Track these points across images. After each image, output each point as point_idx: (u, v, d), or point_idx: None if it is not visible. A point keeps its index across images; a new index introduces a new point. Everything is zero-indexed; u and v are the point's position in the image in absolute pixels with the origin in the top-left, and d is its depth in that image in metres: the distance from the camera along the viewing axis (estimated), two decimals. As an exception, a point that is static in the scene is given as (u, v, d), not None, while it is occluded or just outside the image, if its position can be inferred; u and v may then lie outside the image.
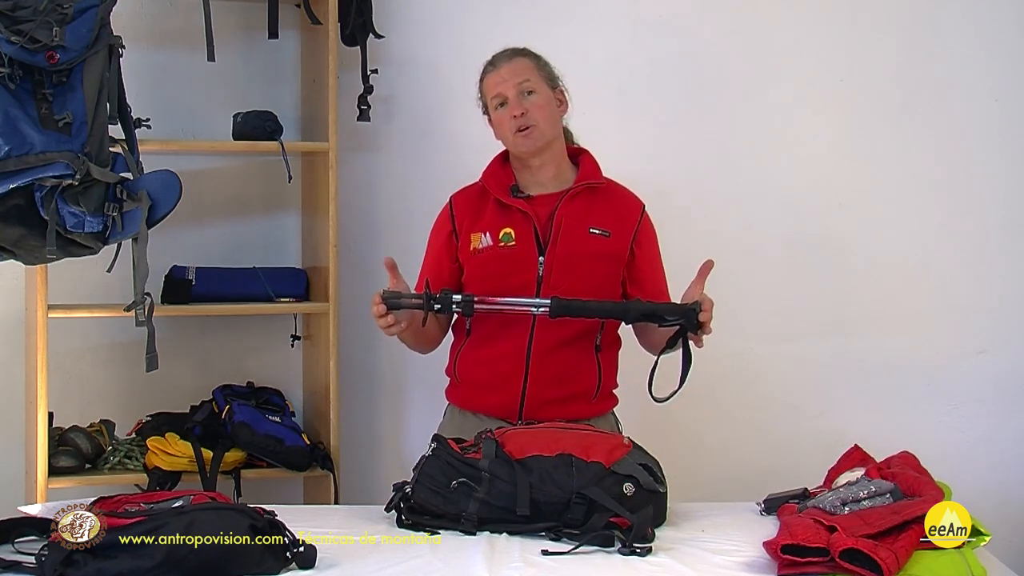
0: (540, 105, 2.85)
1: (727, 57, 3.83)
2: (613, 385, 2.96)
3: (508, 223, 2.86)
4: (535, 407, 2.82)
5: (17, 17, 2.76)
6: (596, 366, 2.88)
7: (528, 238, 2.84)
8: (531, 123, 2.83)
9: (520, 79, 2.85)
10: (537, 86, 2.87)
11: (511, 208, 2.87)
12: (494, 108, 2.88)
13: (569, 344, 2.84)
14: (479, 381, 2.89)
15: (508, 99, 2.84)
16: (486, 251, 2.86)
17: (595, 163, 2.96)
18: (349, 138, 3.50)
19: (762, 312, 3.85)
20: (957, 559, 2.25)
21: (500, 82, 2.86)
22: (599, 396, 2.90)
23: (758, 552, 2.32)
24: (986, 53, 3.90)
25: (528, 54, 2.92)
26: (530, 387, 2.83)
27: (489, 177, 2.93)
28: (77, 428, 3.27)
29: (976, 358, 3.91)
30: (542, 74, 2.90)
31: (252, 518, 2.18)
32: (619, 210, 2.92)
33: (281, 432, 3.30)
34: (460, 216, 2.92)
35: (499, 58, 2.91)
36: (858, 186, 3.87)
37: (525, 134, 2.83)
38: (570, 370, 2.85)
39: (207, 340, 3.61)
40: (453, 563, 2.27)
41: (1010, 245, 3.93)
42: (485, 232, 2.87)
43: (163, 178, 2.99)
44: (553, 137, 2.88)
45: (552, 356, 2.82)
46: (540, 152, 2.86)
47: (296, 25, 3.56)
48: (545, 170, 2.89)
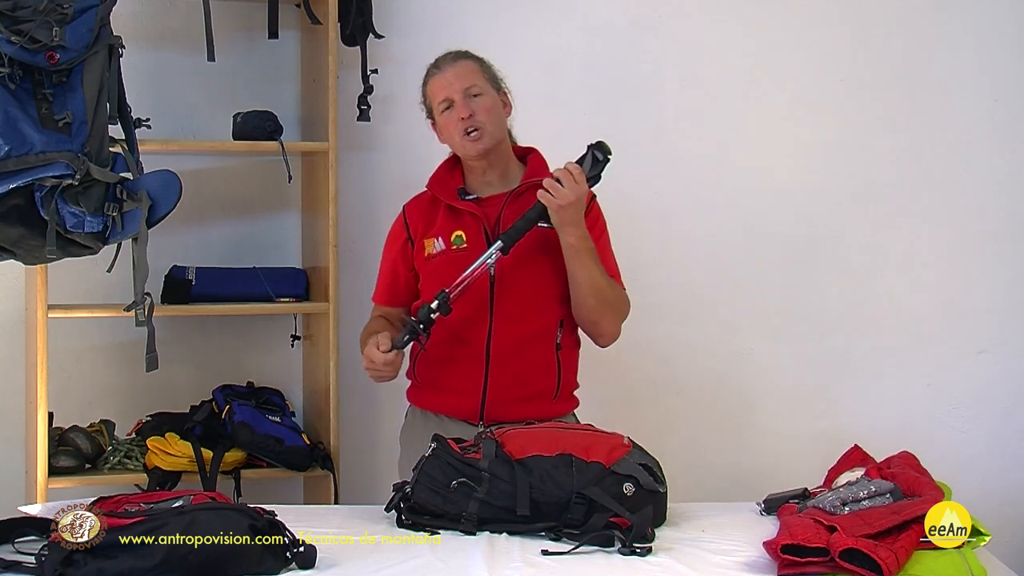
0: (487, 108, 2.84)
1: (727, 57, 3.83)
2: (574, 386, 2.96)
3: (459, 226, 2.87)
4: (496, 407, 2.82)
5: (17, 17, 2.76)
6: (556, 365, 2.87)
7: (479, 239, 2.84)
8: (479, 125, 2.82)
9: (467, 83, 2.84)
10: (483, 89, 2.86)
11: (461, 211, 2.87)
12: (440, 112, 2.87)
13: (529, 342, 2.84)
14: (439, 383, 2.88)
15: (455, 102, 2.83)
16: (439, 256, 2.87)
17: (542, 160, 2.96)
18: (349, 138, 3.50)
19: (762, 312, 3.86)
20: (957, 559, 2.25)
21: (446, 85, 2.85)
22: (559, 396, 2.90)
23: (758, 552, 2.32)
24: (986, 53, 3.91)
25: (471, 56, 2.91)
26: (491, 388, 2.83)
27: (436, 183, 2.94)
28: (77, 428, 3.27)
29: (976, 358, 3.91)
30: (487, 76, 2.89)
31: (252, 518, 2.18)
32: None
33: (281, 432, 3.30)
34: (413, 224, 2.93)
35: (443, 61, 2.90)
36: (858, 186, 3.88)
37: (473, 137, 2.83)
38: (530, 370, 2.85)
39: (207, 340, 3.61)
40: (453, 563, 2.27)
41: (1010, 245, 3.93)
42: (437, 237, 2.88)
43: (163, 178, 2.99)
44: (500, 139, 2.88)
45: (512, 356, 2.82)
46: (488, 154, 2.86)
47: (296, 25, 3.56)
48: (493, 171, 2.90)
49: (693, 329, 3.84)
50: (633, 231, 3.75)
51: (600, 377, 3.56)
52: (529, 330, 2.83)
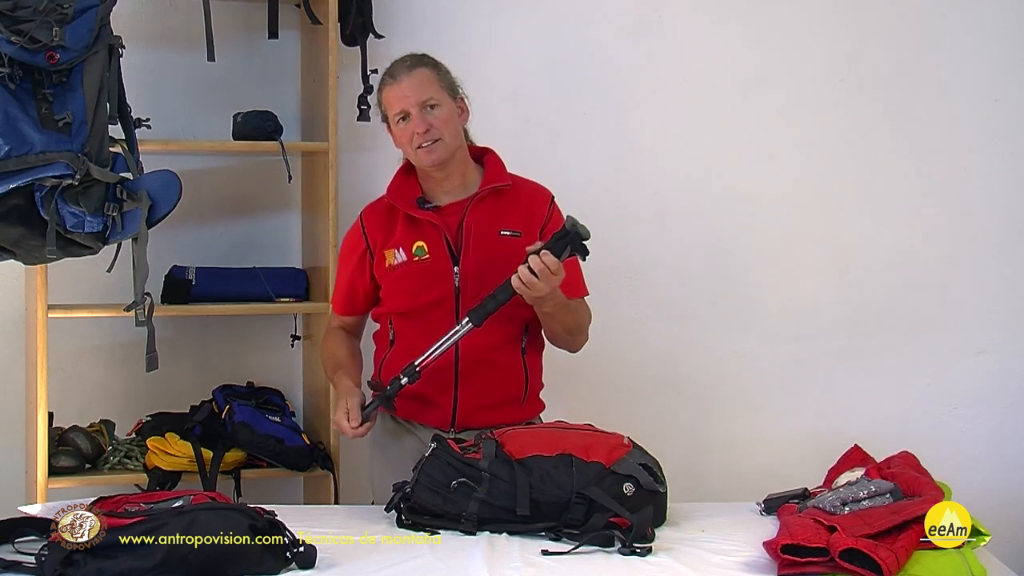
0: (444, 119, 2.79)
1: (727, 57, 3.83)
2: (540, 388, 2.95)
3: (419, 236, 2.83)
4: (467, 415, 2.81)
5: (17, 17, 2.76)
6: (523, 370, 2.86)
7: (441, 249, 2.81)
8: (435, 137, 2.78)
9: (423, 96, 2.78)
10: (440, 99, 2.80)
11: (420, 221, 2.83)
12: (395, 122, 2.81)
13: (496, 349, 2.82)
14: (409, 392, 2.80)
15: (410, 115, 2.78)
16: (401, 267, 2.84)
17: (500, 163, 2.91)
18: (349, 138, 3.50)
19: (762, 312, 3.86)
20: (957, 559, 2.25)
21: (402, 97, 2.79)
22: (527, 400, 2.89)
23: (758, 552, 2.32)
24: (986, 53, 3.91)
25: (428, 62, 2.84)
26: (461, 397, 2.81)
27: (394, 192, 2.89)
28: (77, 428, 3.27)
29: (976, 358, 3.91)
30: (443, 85, 2.83)
31: (252, 518, 2.18)
32: (527, 207, 2.87)
33: (281, 432, 3.30)
34: (372, 233, 2.89)
35: (398, 70, 2.83)
36: (858, 186, 3.88)
37: (429, 149, 2.78)
38: (499, 376, 2.84)
39: (207, 340, 3.61)
40: (453, 563, 2.27)
41: (1009, 245, 3.93)
42: (398, 248, 2.84)
43: (163, 178, 2.99)
44: (456, 148, 2.83)
45: (481, 364, 2.80)
46: (445, 165, 2.82)
47: (296, 25, 3.56)
48: (451, 180, 2.85)
49: (693, 329, 3.84)
50: (633, 231, 3.77)
51: (600, 377, 3.57)
52: (495, 338, 2.80)
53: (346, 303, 2.98)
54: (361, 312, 2.99)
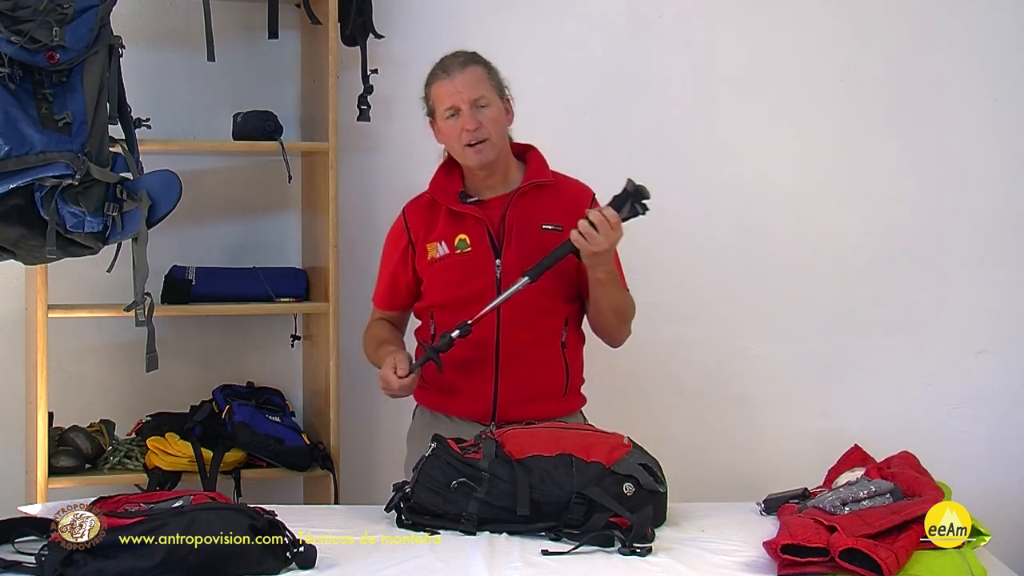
0: (492, 119, 2.81)
1: (727, 57, 3.83)
2: (580, 382, 2.97)
3: (462, 229, 2.85)
4: (507, 408, 2.82)
5: (17, 17, 2.76)
6: (563, 364, 2.88)
7: (483, 242, 2.84)
8: (484, 137, 2.80)
9: (476, 93, 2.80)
10: (490, 98, 2.82)
11: (463, 215, 2.86)
12: (444, 117, 2.83)
13: (536, 343, 2.84)
14: (449, 385, 2.86)
15: (461, 112, 2.80)
16: (443, 260, 2.86)
17: (542, 159, 2.95)
18: (349, 138, 3.50)
19: (762, 312, 3.86)
20: (957, 559, 2.25)
21: (454, 92, 2.80)
22: (568, 394, 2.90)
23: (758, 552, 2.32)
24: (986, 53, 3.91)
25: (480, 61, 2.87)
26: (501, 390, 2.82)
27: (436, 188, 2.92)
28: (77, 428, 3.27)
29: (976, 358, 3.91)
30: (493, 84, 2.85)
31: (252, 518, 2.18)
32: (569, 203, 2.89)
33: (281, 432, 3.30)
34: (414, 227, 2.91)
35: (451, 65, 2.85)
36: (858, 186, 3.88)
37: (477, 149, 2.80)
38: (539, 369, 2.85)
39: (207, 340, 3.61)
40: (453, 563, 2.27)
41: (1010, 245, 3.93)
42: (440, 241, 2.87)
43: (163, 178, 2.99)
44: (502, 147, 2.86)
45: (520, 357, 2.82)
46: (491, 164, 2.84)
47: (296, 25, 3.56)
48: (494, 177, 2.88)
49: (693, 329, 3.84)
50: (633, 231, 3.75)
51: (600, 377, 3.55)
52: (536, 332, 2.83)
53: (388, 297, 2.99)
54: (401, 307, 2.99)
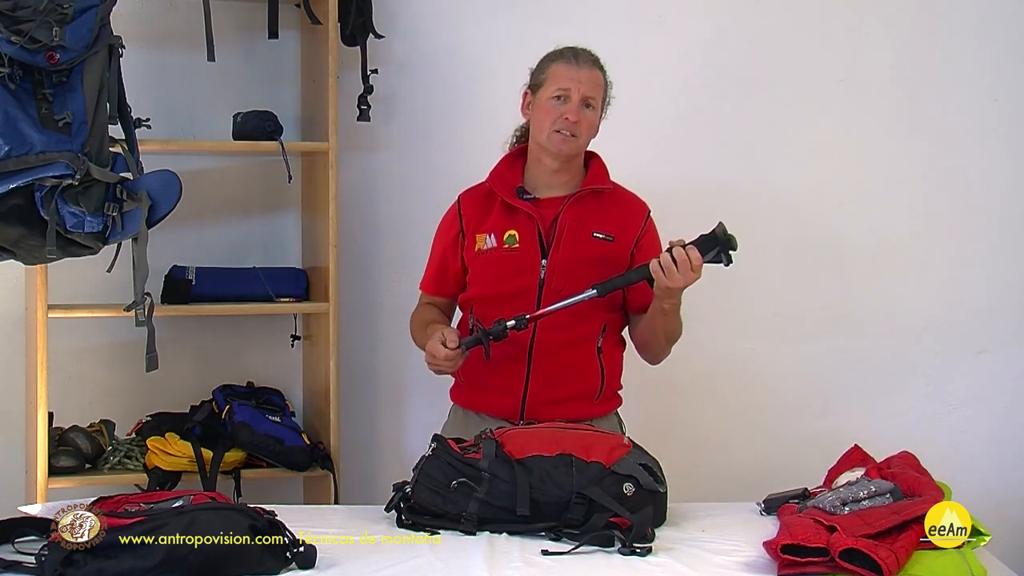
0: (590, 123, 2.87)
1: (727, 57, 3.83)
2: (617, 386, 2.97)
3: (513, 225, 2.87)
4: (536, 408, 2.83)
5: (17, 17, 2.76)
6: (599, 367, 2.88)
7: (532, 241, 2.85)
8: (576, 132, 2.83)
9: (592, 91, 2.85)
10: (597, 105, 2.88)
11: (517, 210, 2.87)
12: (549, 95, 2.85)
13: (570, 346, 2.85)
14: (482, 382, 2.89)
15: (571, 100, 2.83)
16: (490, 252, 2.87)
17: (604, 167, 2.97)
18: (349, 138, 3.50)
19: (762, 312, 3.85)
20: (957, 559, 2.25)
21: (575, 80, 2.84)
22: (602, 397, 2.90)
23: (758, 552, 2.32)
24: (986, 53, 3.90)
25: (604, 70, 2.92)
26: (531, 388, 2.83)
27: (496, 178, 2.94)
28: (77, 428, 3.27)
29: (976, 358, 3.91)
30: (604, 95, 2.92)
31: (252, 518, 2.18)
32: (623, 215, 2.93)
33: (281, 432, 3.30)
34: (468, 216, 2.93)
35: (581, 56, 2.89)
36: (858, 186, 3.88)
37: (564, 138, 2.83)
38: (571, 371, 2.86)
39: (207, 340, 3.61)
40: (453, 563, 2.27)
41: (1010, 245, 3.93)
42: (490, 233, 2.88)
43: (163, 178, 2.99)
44: (583, 150, 2.91)
45: (553, 358, 2.83)
46: (568, 159, 2.87)
47: (296, 25, 3.56)
48: (560, 175, 2.90)
49: (693, 329, 3.82)
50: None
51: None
52: (571, 335, 2.84)
53: (435, 282, 3.00)
54: (448, 294, 3.00)
